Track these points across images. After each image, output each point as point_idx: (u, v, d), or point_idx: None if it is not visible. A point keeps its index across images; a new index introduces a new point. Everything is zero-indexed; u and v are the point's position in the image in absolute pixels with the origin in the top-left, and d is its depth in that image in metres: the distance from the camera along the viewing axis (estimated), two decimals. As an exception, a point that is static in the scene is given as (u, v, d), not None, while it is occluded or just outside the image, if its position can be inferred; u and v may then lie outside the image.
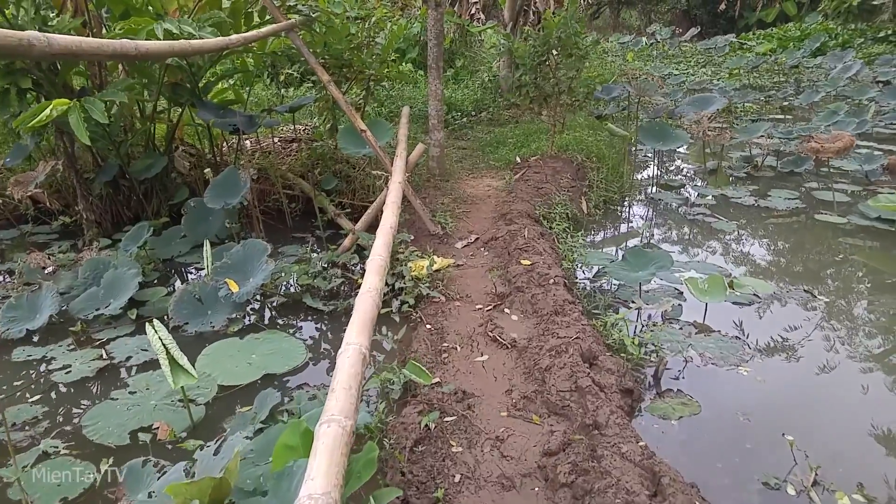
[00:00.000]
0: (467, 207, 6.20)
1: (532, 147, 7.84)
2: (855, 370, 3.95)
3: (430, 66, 6.36)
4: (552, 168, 7.06)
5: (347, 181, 6.78)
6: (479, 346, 4.01)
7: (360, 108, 7.10)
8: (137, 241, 4.98)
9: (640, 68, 17.25)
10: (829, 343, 4.25)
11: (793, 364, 4.03)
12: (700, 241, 6.19)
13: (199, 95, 5.78)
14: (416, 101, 10.46)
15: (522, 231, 5.40)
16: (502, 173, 7.25)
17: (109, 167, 5.75)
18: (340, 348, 2.45)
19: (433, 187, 6.62)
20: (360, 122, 5.15)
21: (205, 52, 3.66)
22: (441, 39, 6.31)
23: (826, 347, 4.20)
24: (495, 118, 10.27)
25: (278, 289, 4.84)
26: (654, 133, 7.24)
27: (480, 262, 5.18)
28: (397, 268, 4.91)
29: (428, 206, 6.12)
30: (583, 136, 7.92)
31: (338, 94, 5.13)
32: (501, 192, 6.60)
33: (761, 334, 4.32)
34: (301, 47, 5.11)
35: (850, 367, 3.97)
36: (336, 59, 6.27)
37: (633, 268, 4.72)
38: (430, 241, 5.53)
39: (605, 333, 4.12)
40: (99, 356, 4.06)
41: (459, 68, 13.08)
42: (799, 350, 4.16)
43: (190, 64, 5.44)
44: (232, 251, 4.60)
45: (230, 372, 3.94)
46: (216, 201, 5.08)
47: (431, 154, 6.84)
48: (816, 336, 4.33)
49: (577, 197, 6.72)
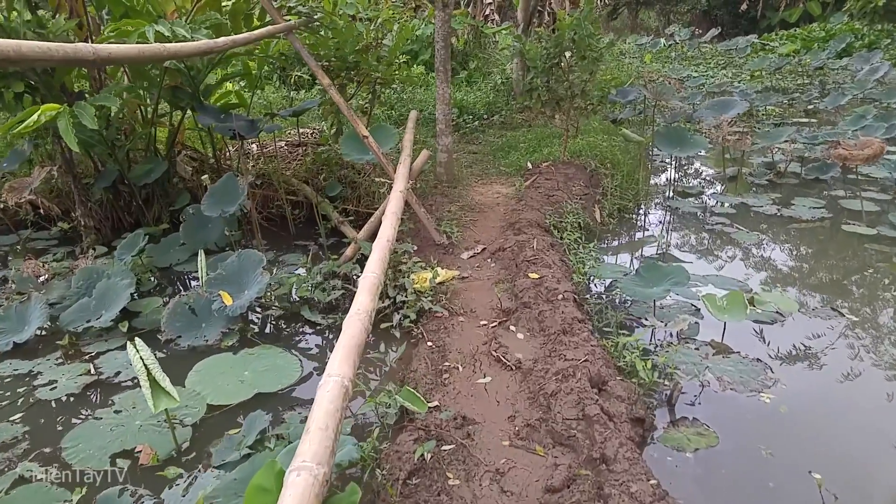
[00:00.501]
0: (475, 216, 5.98)
1: (544, 152, 7.60)
2: (891, 400, 3.66)
3: (437, 68, 6.15)
4: (564, 174, 6.81)
5: (352, 187, 6.60)
6: (481, 367, 3.79)
7: (367, 113, 6.91)
8: (132, 250, 4.83)
9: (657, 70, 16.92)
10: (860, 368, 3.96)
11: (820, 391, 3.75)
12: (719, 253, 5.91)
13: (199, 99, 5.63)
14: (427, 105, 10.27)
15: (531, 242, 5.16)
16: (513, 180, 7.02)
17: (108, 172, 5.62)
18: (321, 380, 2.25)
19: (440, 194, 6.41)
20: (361, 128, 4.96)
21: (184, 56, 3.49)
22: (448, 41, 6.10)
23: (857, 373, 3.91)
24: (507, 122, 10.04)
25: (275, 301, 4.66)
26: (671, 138, 6.96)
27: (487, 274, 4.96)
28: (399, 279, 4.71)
29: (434, 214, 5.91)
30: (597, 141, 7.66)
31: (339, 98, 4.94)
32: (511, 199, 6.37)
33: (785, 357, 4.05)
34: (301, 49, 4.93)
35: (885, 397, 3.68)
36: (342, 62, 6.08)
37: (646, 283, 4.46)
38: (434, 251, 5.32)
39: (616, 355, 3.88)
40: (87, 371, 3.90)
41: (473, 70, 12.87)
42: (827, 376, 3.88)
43: (189, 67, 5.29)
44: (227, 262, 4.43)
45: (221, 390, 3.76)
46: (213, 209, 4.92)
47: (439, 160, 6.63)
48: (846, 360, 4.04)
49: (591, 205, 6.47)
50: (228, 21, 5.16)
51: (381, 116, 9.80)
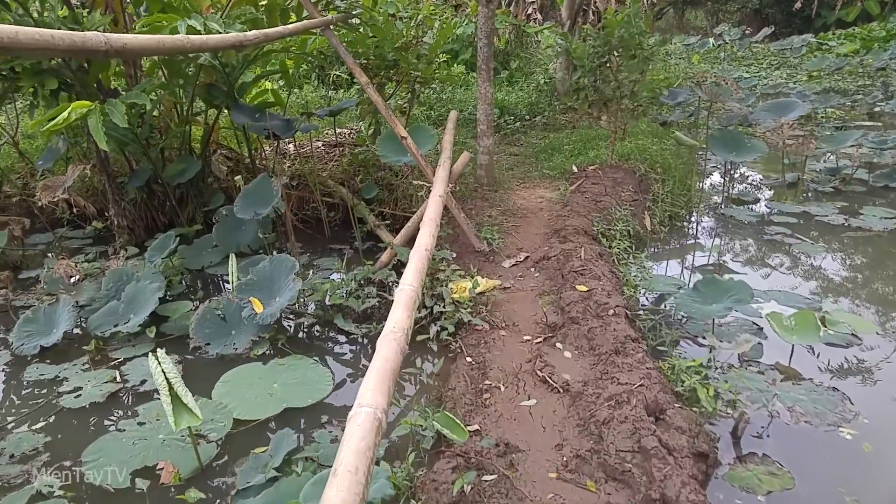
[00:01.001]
0: (517, 221, 5.69)
1: (590, 155, 7.25)
2: None
3: (479, 67, 5.88)
4: (612, 179, 6.46)
5: (389, 190, 6.38)
6: (525, 387, 3.50)
7: (406, 112, 6.69)
8: (163, 252, 4.70)
9: (706, 71, 16.28)
10: (951, 401, 3.53)
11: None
12: (781, 266, 5.48)
13: (234, 97, 5.48)
14: (466, 105, 10.00)
15: (578, 250, 4.85)
16: (557, 183, 6.70)
17: (142, 171, 5.52)
18: (352, 410, 2.00)
19: (480, 198, 6.13)
20: (400, 129, 4.73)
21: (209, 49, 3.31)
22: (492, 39, 5.82)
23: (949, 407, 3.49)
24: (550, 123, 9.69)
25: (308, 308, 4.46)
26: (726, 142, 6.53)
27: (530, 284, 4.66)
28: (437, 288, 4.45)
29: (474, 218, 5.64)
30: (646, 145, 7.27)
31: (377, 97, 4.72)
32: (555, 204, 6.05)
33: (865, 386, 3.64)
34: (338, 46, 4.73)
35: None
36: (380, 60, 5.87)
37: (705, 299, 4.10)
38: (474, 258, 5.05)
39: (674, 379, 3.54)
40: (112, 378, 3.76)
41: (514, 70, 12.56)
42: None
43: (224, 64, 5.14)
44: (258, 267, 4.24)
45: (249, 403, 3.56)
46: (246, 211, 4.75)
47: (480, 162, 6.35)
48: (934, 391, 3.62)
49: (640, 212, 6.10)
50: (264, 16, 5.00)
51: (420, 116, 9.58)
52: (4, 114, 7.18)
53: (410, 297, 2.72)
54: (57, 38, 1.72)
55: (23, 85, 4.38)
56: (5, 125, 6.51)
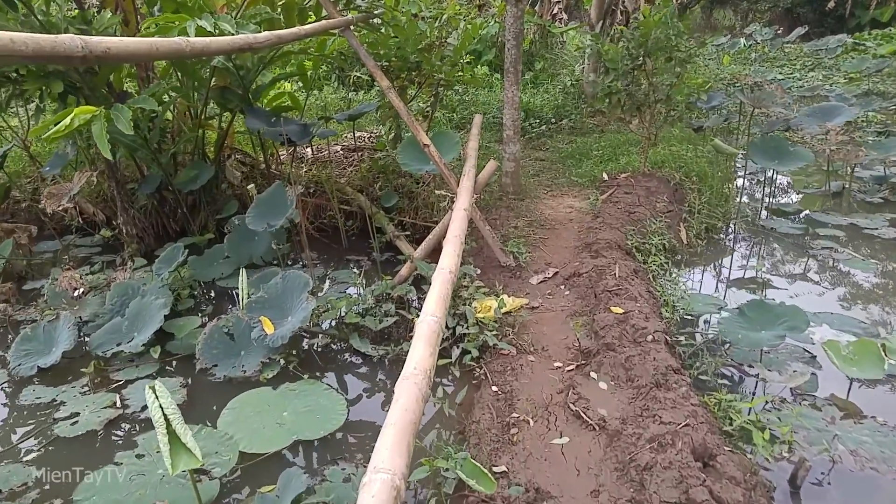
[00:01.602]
0: (545, 233, 5.36)
1: (621, 162, 6.90)
2: None
3: (506, 69, 5.57)
4: (645, 188, 6.10)
5: (410, 198, 6.10)
6: (557, 423, 3.19)
7: (428, 116, 6.40)
8: (171, 265, 4.46)
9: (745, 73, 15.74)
10: None
11: None
12: (829, 285, 5.08)
13: (248, 101, 5.24)
14: (490, 107, 9.70)
15: (612, 267, 4.51)
16: (586, 192, 6.36)
17: (152, 178, 5.31)
18: (364, 476, 1.71)
19: (506, 207, 5.82)
20: (422, 135, 4.44)
21: (212, 53, 3.05)
22: (520, 40, 5.51)
23: None
24: (578, 126, 9.35)
25: (322, 326, 4.19)
26: (768, 150, 6.13)
27: (560, 303, 4.34)
28: (460, 307, 4.15)
29: (499, 229, 5.33)
30: (680, 151, 6.89)
31: (398, 101, 4.44)
32: (585, 214, 5.72)
33: (939, 429, 3.26)
34: (358, 48, 4.46)
35: None
36: (402, 62, 5.59)
37: (753, 326, 3.74)
38: (499, 274, 4.74)
39: (721, 416, 3.20)
40: (112, 403, 3.52)
41: (539, 71, 12.21)
42: None
43: (238, 66, 4.90)
44: (270, 284, 3.98)
45: (256, 434, 3.30)
46: (258, 222, 4.50)
47: (505, 169, 6.04)
48: None
49: (676, 223, 5.74)
50: (282, 16, 4.75)
51: (442, 120, 9.30)
52: (16, 116, 7.04)
53: (433, 331, 2.42)
54: (18, 43, 1.45)
55: (27, 88, 4.17)
56: (16, 128, 6.34)
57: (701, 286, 5.04)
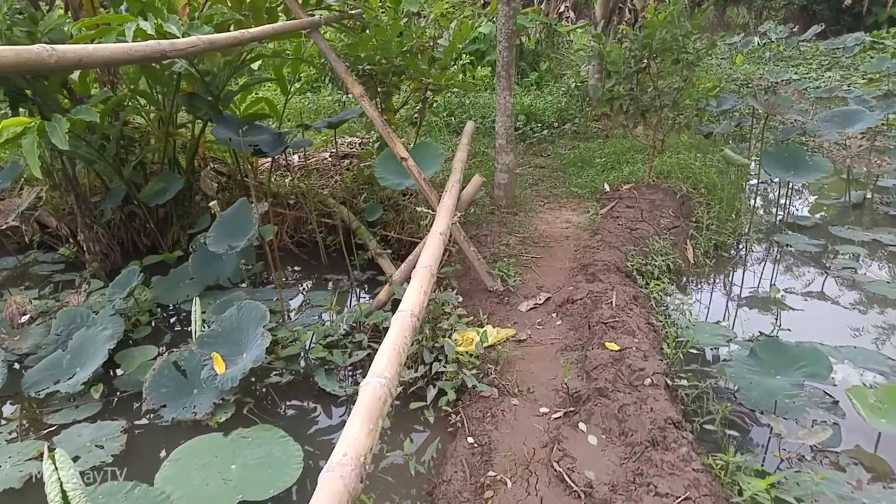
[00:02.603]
0: (538, 252, 4.94)
1: (624, 171, 6.45)
2: None
3: (498, 73, 5.15)
4: (650, 201, 5.65)
5: (396, 211, 5.69)
6: (538, 486, 2.77)
7: (417, 124, 5.99)
8: (125, 289, 4.08)
9: (751, 72, 15.17)
10: None
11: None
12: (851, 311, 4.62)
13: (217, 108, 4.85)
14: (490, 110, 9.25)
15: (609, 293, 4.09)
16: (586, 204, 5.92)
17: (116, 191, 4.94)
18: None
19: (497, 222, 5.40)
20: (399, 148, 4.03)
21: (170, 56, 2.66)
22: (513, 41, 5.08)
23: None
24: (581, 131, 8.89)
25: (284, 361, 3.79)
26: (783, 160, 5.66)
27: (551, 335, 3.92)
28: (439, 339, 3.74)
29: (488, 247, 4.91)
30: (688, 160, 6.43)
31: (372, 111, 4.03)
32: (584, 231, 5.28)
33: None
34: (326, 51, 4.05)
35: None
36: (387, 66, 5.18)
37: (766, 370, 3.30)
38: (485, 299, 4.33)
39: (728, 483, 2.76)
40: (39, 453, 3.13)
41: (544, 72, 11.76)
42: None
43: (203, 72, 4.52)
44: (224, 315, 3.59)
45: (197, 493, 2.91)
46: (219, 243, 4.11)
47: (498, 181, 5.62)
48: None
49: (681, 240, 5.29)
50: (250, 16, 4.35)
51: (438, 124, 8.88)
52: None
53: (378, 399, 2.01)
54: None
55: (-30, 96, 3.82)
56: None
57: (708, 312, 4.59)
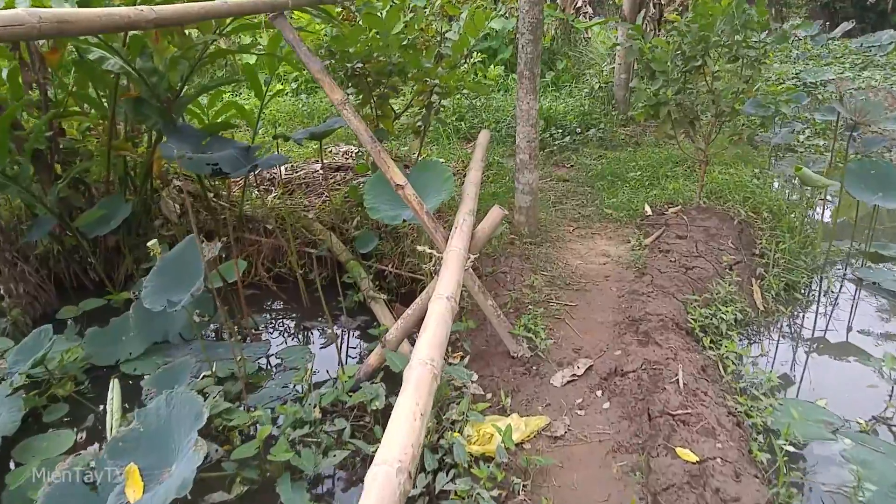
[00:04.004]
0: (572, 297, 3.94)
1: (667, 189, 5.44)
2: None
3: (520, 72, 4.16)
4: (703, 229, 4.64)
5: (395, 239, 4.71)
6: None
7: (420, 133, 5.00)
8: (30, 356, 3.10)
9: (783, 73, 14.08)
10: None
11: None
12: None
13: (169, 116, 3.88)
14: (506, 114, 8.26)
15: (671, 363, 3.08)
16: (624, 231, 4.91)
17: (44, 220, 3.98)
18: None
19: (519, 255, 4.40)
20: (394, 172, 3.03)
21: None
22: (539, 34, 4.09)
23: None
24: (607, 138, 7.86)
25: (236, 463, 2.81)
26: (868, 179, 4.61)
27: (597, 425, 2.91)
28: (445, 434, 2.76)
29: (508, 290, 3.91)
30: (742, 177, 5.41)
31: (357, 122, 3.04)
32: (626, 267, 4.28)
33: None
34: (295, 44, 3.06)
35: None
36: (382, 64, 4.20)
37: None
38: (507, 369, 3.32)
39: None
40: None
41: (561, 71, 10.74)
42: None
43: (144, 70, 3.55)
44: (146, 411, 2.60)
45: None
46: (156, 298, 3.14)
47: (519, 204, 4.62)
48: None
49: (746, 279, 4.27)
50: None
51: (446, 131, 7.89)
52: None
53: None
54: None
55: None
56: None
57: (798, 389, 3.55)
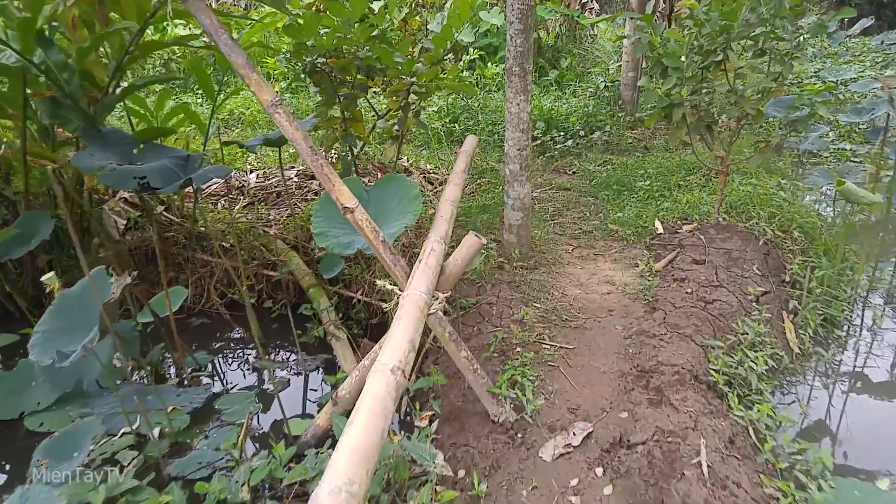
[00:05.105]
0: (569, 336, 3.29)
1: (681, 201, 4.79)
2: None
3: (509, 68, 3.52)
4: (724, 251, 3.98)
5: (365, 262, 4.08)
6: None
7: (398, 139, 4.37)
8: None
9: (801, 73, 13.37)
10: None
11: None
12: None
13: (90, 118, 3.26)
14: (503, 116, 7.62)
15: (690, 432, 2.44)
16: (632, 252, 4.27)
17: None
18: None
19: (507, 282, 3.76)
20: (342, 193, 2.39)
21: None
22: (529, 24, 3.45)
23: None
24: (613, 141, 7.23)
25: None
26: (918, 192, 3.97)
27: (594, 520, 2.27)
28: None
29: (492, 326, 3.27)
30: (767, 189, 4.74)
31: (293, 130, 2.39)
32: (634, 298, 3.63)
33: None
34: (211, 30, 2.41)
35: None
36: (347, 59, 3.57)
37: None
38: (484, 436, 2.68)
39: None
40: None
41: (565, 70, 10.10)
42: None
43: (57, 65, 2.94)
44: None
45: None
46: (44, 350, 2.52)
47: (508, 221, 3.99)
48: None
49: (776, 312, 3.61)
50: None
51: (438, 134, 7.27)
52: None
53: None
54: None
55: None
56: None
57: (845, 453, 2.90)
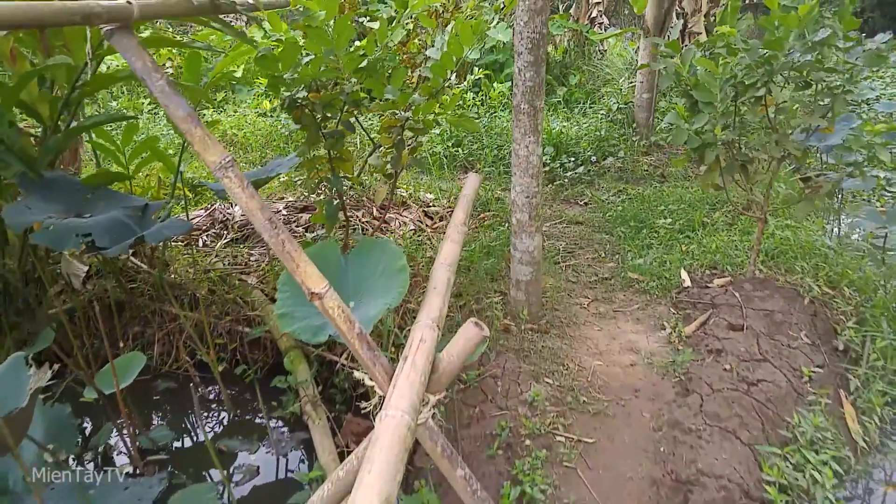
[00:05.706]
0: (586, 424, 2.76)
1: (708, 246, 4.26)
2: None
3: (516, 105, 3.02)
4: (764, 313, 3.45)
5: (351, 322, 3.56)
6: None
7: (392, 177, 3.88)
8: None
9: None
10: None
11: None
12: None
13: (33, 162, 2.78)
14: (510, 140, 7.12)
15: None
16: (656, 308, 3.74)
17: None
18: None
19: (515, 349, 3.24)
20: (307, 275, 1.88)
21: None
22: (542, 55, 2.96)
23: None
24: (628, 168, 6.71)
25: None
26: None
27: None
28: None
29: (495, 411, 2.76)
30: (808, 235, 4.21)
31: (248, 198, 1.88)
32: (662, 375, 3.10)
33: None
34: (143, 73, 1.87)
35: None
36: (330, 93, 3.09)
37: None
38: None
39: None
40: None
41: (574, 87, 9.60)
42: None
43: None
44: None
45: None
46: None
47: (516, 276, 3.47)
48: None
49: (832, 393, 3.07)
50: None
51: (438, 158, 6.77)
52: None
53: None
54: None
55: None
56: None
57: None
